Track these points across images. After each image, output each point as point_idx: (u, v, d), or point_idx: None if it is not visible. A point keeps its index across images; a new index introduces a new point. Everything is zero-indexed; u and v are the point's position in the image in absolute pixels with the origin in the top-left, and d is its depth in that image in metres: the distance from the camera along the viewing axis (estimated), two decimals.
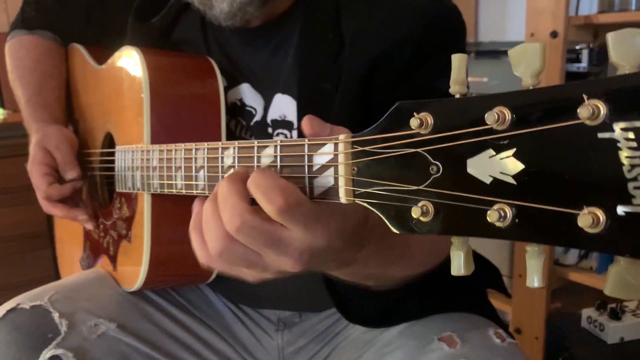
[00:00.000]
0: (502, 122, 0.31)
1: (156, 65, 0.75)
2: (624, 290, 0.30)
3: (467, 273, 0.36)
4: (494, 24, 1.87)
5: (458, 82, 0.35)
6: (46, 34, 1.02)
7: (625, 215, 0.28)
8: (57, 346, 0.71)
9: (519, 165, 0.31)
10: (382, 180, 0.37)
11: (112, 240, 0.84)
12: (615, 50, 0.29)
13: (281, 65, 0.78)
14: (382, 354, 0.75)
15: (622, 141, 0.28)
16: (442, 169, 0.35)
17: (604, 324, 1.14)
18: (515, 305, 1.55)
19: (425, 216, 0.35)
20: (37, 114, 0.93)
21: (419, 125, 0.35)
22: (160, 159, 0.65)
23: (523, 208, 0.31)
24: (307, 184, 0.42)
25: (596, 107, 0.28)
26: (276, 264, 0.44)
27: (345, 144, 0.40)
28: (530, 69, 0.32)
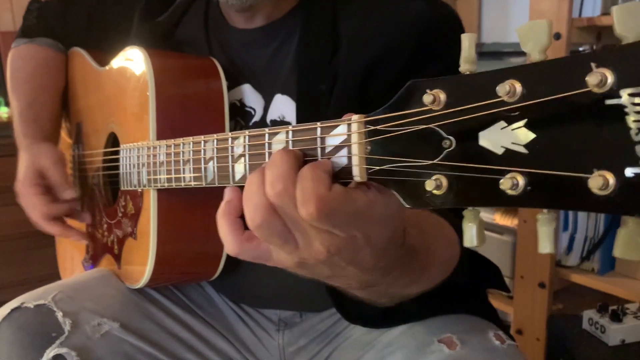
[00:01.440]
0: (513, 94, 0.33)
1: (161, 65, 0.76)
2: (633, 251, 0.31)
3: (479, 244, 0.37)
4: (496, 25, 1.89)
5: (468, 60, 0.37)
6: (46, 41, 1.03)
7: (634, 177, 0.29)
8: (60, 345, 0.71)
9: (530, 135, 0.33)
10: (396, 157, 0.39)
11: (117, 239, 0.84)
12: (620, 22, 0.30)
13: (281, 65, 0.79)
14: (383, 355, 0.76)
15: (629, 106, 0.29)
16: (455, 143, 0.36)
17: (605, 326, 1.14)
18: (517, 306, 1.55)
19: (439, 189, 0.36)
20: (29, 129, 0.94)
21: (432, 101, 0.36)
22: (168, 154, 0.66)
23: (535, 175, 0.32)
24: None
25: (604, 75, 0.30)
26: (305, 245, 0.43)
27: (358, 124, 0.41)
28: (539, 45, 0.34)
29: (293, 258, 0.44)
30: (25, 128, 0.95)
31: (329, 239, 0.42)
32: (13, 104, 0.99)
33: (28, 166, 0.89)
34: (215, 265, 0.80)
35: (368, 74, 0.72)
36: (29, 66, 1.01)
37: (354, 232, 0.42)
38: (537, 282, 1.47)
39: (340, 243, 0.42)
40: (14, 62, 1.03)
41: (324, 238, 0.42)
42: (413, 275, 0.55)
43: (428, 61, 0.72)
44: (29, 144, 0.92)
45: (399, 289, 0.57)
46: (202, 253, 0.79)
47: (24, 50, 1.03)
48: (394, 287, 0.55)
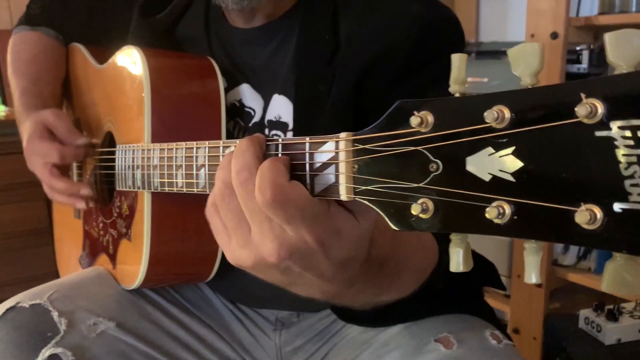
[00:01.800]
0: (502, 120, 0.32)
1: (157, 65, 0.75)
2: (621, 287, 0.30)
3: (466, 269, 0.36)
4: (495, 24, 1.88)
5: (458, 81, 0.36)
6: (49, 32, 1.02)
7: (622, 212, 0.28)
8: (56, 345, 0.71)
9: (517, 163, 0.32)
10: (382, 178, 0.38)
11: (112, 239, 0.84)
12: (613, 50, 0.29)
13: (280, 65, 0.78)
14: (380, 355, 0.76)
15: (619, 139, 0.28)
16: (442, 166, 0.35)
17: (602, 325, 1.14)
18: (514, 305, 1.55)
19: (425, 213, 0.35)
20: (31, 102, 0.92)
21: (420, 123, 0.35)
22: (161, 158, 0.66)
23: (521, 205, 0.32)
24: (307, 181, 0.43)
25: (594, 106, 0.29)
26: (258, 242, 0.43)
27: (346, 142, 0.40)
28: (529, 69, 0.33)
29: (247, 253, 0.45)
30: (28, 101, 0.93)
31: (281, 237, 0.42)
32: (14, 84, 0.98)
33: (35, 123, 0.86)
34: (210, 266, 0.80)
35: (365, 76, 0.71)
36: (33, 49, 1.00)
37: (305, 234, 0.42)
38: None
39: (291, 244, 0.42)
40: (17, 45, 1.02)
41: (276, 235, 0.42)
42: (381, 285, 0.55)
43: (426, 63, 0.71)
44: (31, 113, 0.90)
45: (368, 298, 0.57)
46: (196, 255, 0.78)
47: (27, 36, 1.02)
48: (361, 297, 0.55)
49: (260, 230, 0.43)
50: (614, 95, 0.28)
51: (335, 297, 0.51)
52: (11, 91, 1.01)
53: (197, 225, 0.76)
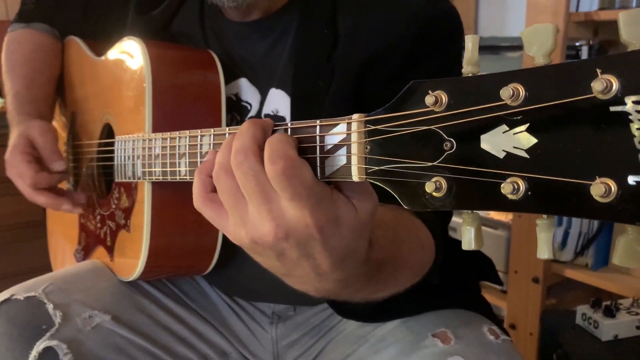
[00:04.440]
0: (516, 98, 0.33)
1: (158, 56, 0.75)
2: (633, 259, 0.31)
3: (477, 247, 0.37)
4: (494, 19, 1.89)
5: (471, 62, 0.36)
6: (42, 27, 1.02)
7: (636, 185, 0.29)
8: (51, 337, 0.71)
9: (532, 140, 0.32)
10: (395, 158, 0.38)
11: (110, 231, 0.84)
12: (626, 28, 0.30)
13: (277, 59, 0.78)
14: (377, 350, 0.76)
15: (634, 114, 0.29)
16: (455, 145, 0.36)
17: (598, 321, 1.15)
18: (511, 301, 1.56)
19: (439, 191, 0.36)
20: (24, 108, 0.92)
21: (434, 102, 0.36)
22: (164, 147, 0.66)
23: (536, 180, 0.32)
24: (318, 164, 0.43)
25: (609, 82, 0.29)
26: (255, 221, 0.43)
27: (358, 123, 0.41)
28: (543, 49, 0.33)
29: (245, 233, 0.44)
30: (20, 107, 0.93)
31: (279, 218, 0.42)
32: (8, 86, 0.97)
33: (18, 135, 0.86)
34: (208, 259, 0.80)
35: (365, 70, 0.71)
36: (25, 49, 1.00)
37: (307, 215, 0.41)
38: (530, 277, 1.48)
39: (289, 225, 0.42)
40: (10, 45, 1.02)
41: (274, 216, 0.42)
42: (377, 284, 0.55)
43: (426, 57, 0.71)
44: (22, 120, 0.90)
45: (363, 297, 0.57)
46: (195, 247, 0.78)
47: (21, 35, 1.02)
48: (356, 296, 0.55)
49: (259, 211, 0.43)
50: (629, 71, 0.29)
51: (330, 295, 0.51)
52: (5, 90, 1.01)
53: (196, 217, 0.75)
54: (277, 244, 0.43)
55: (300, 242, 0.43)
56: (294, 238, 0.43)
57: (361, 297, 0.57)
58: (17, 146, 0.85)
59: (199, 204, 0.48)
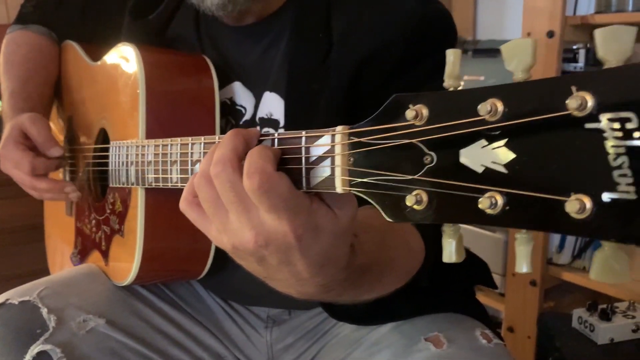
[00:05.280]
0: (495, 113, 0.33)
1: (152, 62, 0.76)
2: (609, 275, 0.31)
3: (458, 260, 0.37)
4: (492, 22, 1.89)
5: (452, 76, 0.37)
6: (40, 29, 1.02)
7: (610, 202, 0.29)
8: (45, 342, 0.71)
9: (510, 155, 0.33)
10: (377, 170, 0.39)
11: (105, 235, 0.84)
12: (602, 46, 0.30)
13: (272, 63, 0.79)
14: (370, 353, 0.76)
15: (608, 131, 0.29)
16: (436, 159, 0.36)
17: (594, 325, 1.15)
18: (508, 304, 1.56)
19: (419, 205, 0.36)
20: (18, 105, 0.92)
21: (415, 116, 0.36)
22: (156, 154, 0.66)
23: (513, 195, 0.32)
24: (303, 175, 0.43)
25: (584, 99, 0.30)
26: (236, 228, 0.44)
27: (342, 135, 0.41)
28: (522, 64, 0.34)
29: (226, 239, 0.46)
30: (15, 104, 0.93)
31: (259, 227, 0.43)
32: (4, 85, 0.98)
33: (10, 128, 0.86)
34: (202, 264, 0.80)
35: (359, 73, 0.72)
36: (22, 50, 1.00)
37: (285, 225, 0.42)
38: (528, 280, 1.48)
39: (268, 233, 0.43)
40: (8, 46, 1.02)
41: (254, 224, 0.43)
42: (361, 289, 0.56)
43: (419, 58, 0.71)
44: (15, 115, 0.89)
45: (349, 299, 0.58)
46: (189, 252, 0.78)
47: (18, 36, 1.02)
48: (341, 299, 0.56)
49: (238, 219, 0.44)
50: (604, 88, 0.29)
51: (312, 297, 0.52)
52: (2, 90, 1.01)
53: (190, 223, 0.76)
54: (257, 250, 0.45)
55: (280, 249, 0.44)
56: (273, 246, 0.44)
57: (346, 300, 0.58)
58: (10, 137, 0.85)
59: (184, 206, 0.49)
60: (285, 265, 0.46)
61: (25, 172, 0.83)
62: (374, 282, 0.58)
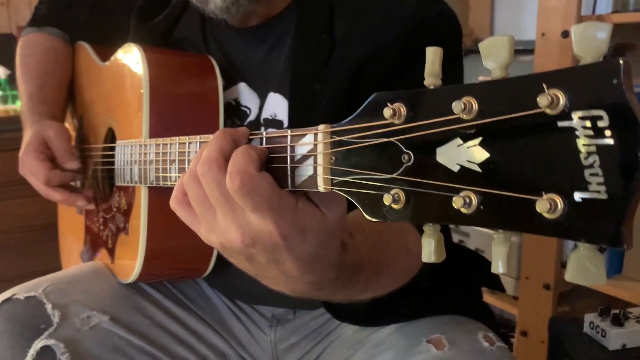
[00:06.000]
0: (469, 111, 0.32)
1: (157, 62, 0.77)
2: (584, 276, 0.31)
3: (437, 260, 0.37)
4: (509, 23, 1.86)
5: (432, 74, 0.36)
6: (54, 32, 1.04)
7: (582, 202, 0.29)
8: (48, 337, 0.72)
9: (484, 154, 0.32)
10: (358, 169, 0.39)
11: (111, 234, 0.86)
12: (578, 42, 0.30)
13: (276, 64, 0.79)
14: (372, 355, 0.76)
15: (580, 129, 0.29)
16: (413, 157, 0.36)
17: (606, 330, 1.12)
18: (522, 307, 1.54)
19: (397, 204, 0.36)
20: (37, 108, 0.95)
21: (392, 115, 0.36)
22: (157, 153, 0.67)
23: (488, 195, 0.32)
24: (289, 174, 0.43)
25: (555, 97, 0.29)
26: (224, 227, 0.45)
27: (324, 134, 0.41)
28: (499, 62, 0.33)
29: (215, 237, 0.46)
30: (33, 108, 0.96)
31: (245, 226, 0.43)
32: (22, 88, 1.01)
33: (33, 135, 0.89)
34: (205, 263, 0.81)
35: (359, 73, 0.72)
36: (37, 53, 1.03)
37: (270, 225, 0.43)
38: (542, 284, 1.46)
39: (255, 232, 0.43)
40: (23, 49, 1.05)
41: (240, 224, 0.43)
42: (355, 288, 0.56)
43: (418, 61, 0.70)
44: (36, 120, 0.93)
45: (343, 298, 0.58)
46: (192, 251, 0.79)
47: (33, 39, 1.05)
48: (335, 298, 0.56)
49: (225, 219, 0.44)
50: (575, 86, 0.29)
51: (305, 295, 0.52)
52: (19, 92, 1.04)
53: None
54: (244, 249, 0.45)
55: (266, 248, 0.45)
56: (260, 245, 0.44)
57: (341, 299, 0.58)
58: (31, 145, 0.88)
59: (174, 204, 0.50)
60: (274, 263, 0.46)
61: (41, 182, 0.87)
62: (369, 281, 0.58)
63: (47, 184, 0.86)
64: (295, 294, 0.52)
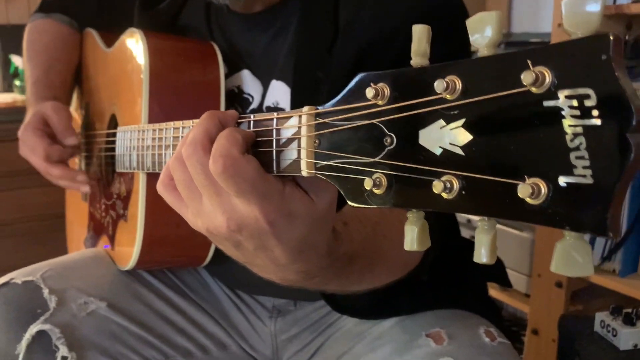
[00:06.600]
0: (453, 91, 0.31)
1: (157, 48, 0.76)
2: (570, 267, 0.29)
3: (420, 249, 0.35)
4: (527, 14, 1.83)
5: (419, 53, 0.35)
6: (62, 18, 1.04)
7: (567, 186, 0.27)
8: (44, 322, 0.72)
9: (467, 136, 0.31)
10: (341, 153, 0.37)
11: (112, 220, 0.85)
12: (567, 17, 0.28)
13: (279, 51, 0.78)
14: (373, 347, 0.75)
15: (566, 109, 0.27)
16: (396, 140, 0.34)
17: (617, 329, 1.09)
18: (533, 305, 1.51)
19: (378, 188, 0.34)
20: (41, 93, 0.95)
21: (375, 95, 0.34)
22: (153, 138, 0.66)
23: (469, 179, 0.30)
24: (274, 158, 0.42)
25: (541, 74, 0.27)
26: (209, 212, 0.44)
27: (308, 117, 0.39)
28: (486, 39, 0.31)
29: (201, 223, 0.45)
30: (37, 92, 0.96)
31: (230, 211, 0.42)
32: (28, 73, 1.01)
33: (32, 114, 0.89)
34: (205, 251, 0.80)
35: (361, 60, 0.70)
36: (44, 38, 1.03)
37: (256, 211, 0.41)
38: (554, 281, 1.43)
39: (240, 218, 0.42)
40: (31, 34, 1.05)
41: (225, 209, 0.42)
42: (349, 278, 0.55)
43: None
44: (39, 102, 0.92)
45: (336, 288, 0.57)
46: (191, 238, 0.77)
47: (40, 24, 1.05)
48: (326, 288, 0.55)
49: (211, 203, 0.43)
50: (562, 62, 0.27)
51: (295, 284, 0.51)
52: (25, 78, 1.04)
53: None
54: (231, 236, 0.44)
55: (253, 235, 0.43)
56: (246, 231, 0.43)
57: (335, 289, 0.57)
58: (30, 123, 0.88)
59: (160, 188, 0.49)
60: (261, 250, 0.45)
61: (40, 158, 0.86)
62: (364, 272, 0.56)
63: (47, 160, 0.85)
64: (285, 283, 0.51)
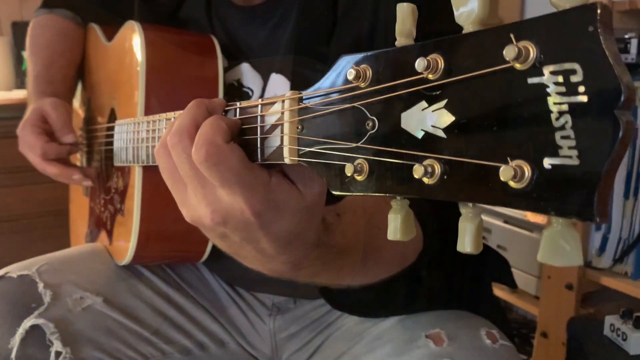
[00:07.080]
0: (435, 69, 0.29)
1: (155, 40, 0.75)
2: (558, 257, 0.27)
3: (403, 239, 0.33)
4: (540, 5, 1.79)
5: (403, 33, 0.33)
6: (65, 13, 1.04)
7: (552, 169, 0.25)
8: (39, 316, 0.71)
9: (449, 118, 0.29)
10: (324, 139, 0.35)
11: (110, 215, 0.85)
12: None
13: (278, 44, 0.77)
14: (372, 347, 0.73)
15: (551, 86, 0.25)
16: (377, 124, 0.32)
17: (627, 333, 1.06)
18: (543, 308, 1.48)
19: (359, 175, 0.33)
20: (41, 88, 0.94)
21: (356, 77, 0.33)
22: (147, 131, 0.65)
23: (451, 163, 0.29)
24: (258, 145, 0.41)
25: (525, 49, 0.25)
26: (194, 203, 0.43)
27: (291, 101, 0.38)
28: (472, 16, 0.29)
29: (185, 212, 0.44)
30: (38, 87, 0.95)
31: (214, 203, 0.41)
32: (30, 68, 1.00)
33: (31, 111, 0.88)
34: (202, 246, 0.79)
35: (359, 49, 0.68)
36: (47, 33, 1.02)
37: (241, 202, 0.40)
38: (564, 284, 1.40)
39: (225, 210, 0.41)
40: (34, 29, 1.05)
41: (209, 201, 0.41)
42: (341, 271, 0.53)
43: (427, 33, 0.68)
44: (38, 99, 0.92)
45: (327, 281, 0.55)
46: (188, 233, 0.77)
47: (43, 20, 1.05)
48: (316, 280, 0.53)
49: (195, 194, 0.42)
50: (547, 36, 0.25)
51: (283, 276, 0.49)
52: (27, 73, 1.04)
53: None
54: (215, 227, 0.43)
55: (239, 227, 0.42)
56: (232, 224, 0.42)
57: (326, 282, 0.56)
58: (29, 120, 0.87)
59: None
60: (248, 242, 0.44)
61: (37, 156, 0.85)
62: (355, 266, 0.55)
63: (43, 157, 0.84)
64: (273, 274, 0.50)
